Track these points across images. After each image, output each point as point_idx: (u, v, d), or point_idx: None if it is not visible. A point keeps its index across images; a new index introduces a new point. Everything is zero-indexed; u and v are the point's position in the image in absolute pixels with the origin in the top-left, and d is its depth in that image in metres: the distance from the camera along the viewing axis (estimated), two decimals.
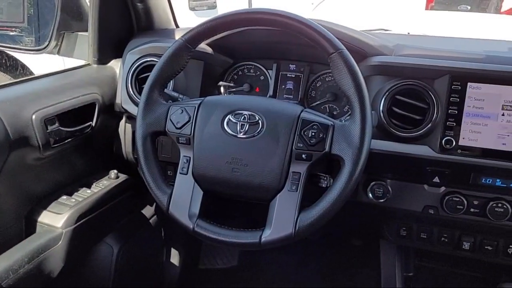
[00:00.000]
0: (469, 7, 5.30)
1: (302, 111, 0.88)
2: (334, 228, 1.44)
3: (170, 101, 0.97)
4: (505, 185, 0.97)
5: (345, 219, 1.26)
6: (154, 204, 1.51)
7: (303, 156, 0.85)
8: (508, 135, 0.92)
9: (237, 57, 1.22)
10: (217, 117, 0.89)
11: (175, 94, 1.04)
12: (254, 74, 1.23)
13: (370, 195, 1.04)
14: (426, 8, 4.84)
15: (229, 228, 0.87)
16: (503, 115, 0.92)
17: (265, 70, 1.22)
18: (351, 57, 0.85)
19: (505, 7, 5.41)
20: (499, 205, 0.98)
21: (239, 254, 1.77)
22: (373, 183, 1.04)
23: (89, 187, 1.18)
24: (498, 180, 0.97)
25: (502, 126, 0.92)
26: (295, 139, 0.86)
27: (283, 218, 0.84)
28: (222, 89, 1.21)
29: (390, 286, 1.27)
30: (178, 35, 1.16)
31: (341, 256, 1.75)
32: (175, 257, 1.60)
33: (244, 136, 0.87)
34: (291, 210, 0.84)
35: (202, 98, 0.93)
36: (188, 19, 1.50)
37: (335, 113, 1.16)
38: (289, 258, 1.73)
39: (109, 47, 1.26)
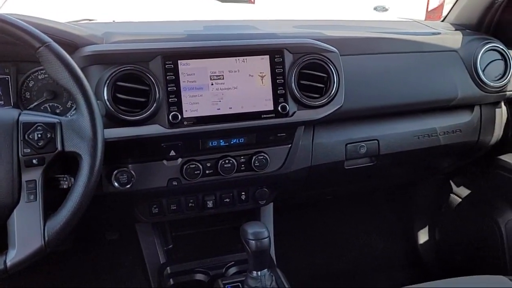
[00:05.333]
0: None
1: (20, 115, 0.81)
2: (86, 228, 1.38)
3: None
4: (227, 144, 1.13)
5: (95, 215, 1.23)
6: None
7: (34, 161, 0.79)
8: (220, 101, 1.06)
9: None
10: None
11: None
12: None
13: (116, 183, 1.05)
14: None
15: None
16: (212, 84, 1.06)
17: None
18: (61, 49, 0.81)
19: None
20: (227, 161, 1.13)
21: None
22: (116, 171, 1.04)
23: None
24: (221, 141, 1.12)
25: (214, 94, 1.06)
26: (19, 146, 0.78)
27: (27, 233, 0.77)
28: None
29: (154, 264, 1.32)
30: None
31: (100, 255, 1.70)
32: None
33: None
34: (35, 222, 0.77)
35: None
36: None
37: (58, 111, 1.09)
38: (42, 277, 1.57)
39: None
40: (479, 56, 1.38)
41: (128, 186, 1.06)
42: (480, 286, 1.00)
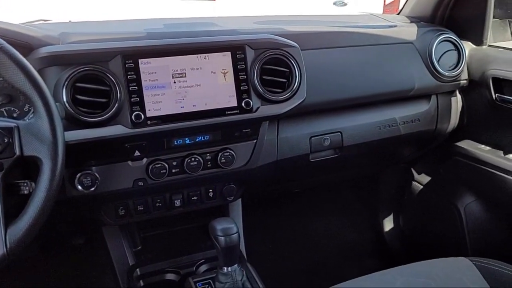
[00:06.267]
0: None
1: None
2: (50, 234, 1.35)
3: None
4: (193, 141, 1.12)
5: (60, 220, 1.21)
6: None
7: None
8: (183, 99, 1.06)
9: None
10: None
11: None
12: None
13: (79, 187, 1.02)
14: None
15: None
16: (174, 82, 1.05)
17: None
18: (15, 50, 0.79)
19: None
20: (193, 159, 1.13)
21: None
22: (79, 174, 1.02)
23: None
24: (186, 139, 1.12)
25: (177, 92, 1.05)
26: None
27: None
28: None
29: (123, 266, 1.30)
30: None
31: (67, 261, 1.66)
32: None
33: None
34: None
35: None
36: None
37: (15, 115, 1.06)
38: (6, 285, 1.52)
39: None
40: (434, 47, 1.43)
41: (93, 189, 1.03)
42: (442, 268, 1.03)
